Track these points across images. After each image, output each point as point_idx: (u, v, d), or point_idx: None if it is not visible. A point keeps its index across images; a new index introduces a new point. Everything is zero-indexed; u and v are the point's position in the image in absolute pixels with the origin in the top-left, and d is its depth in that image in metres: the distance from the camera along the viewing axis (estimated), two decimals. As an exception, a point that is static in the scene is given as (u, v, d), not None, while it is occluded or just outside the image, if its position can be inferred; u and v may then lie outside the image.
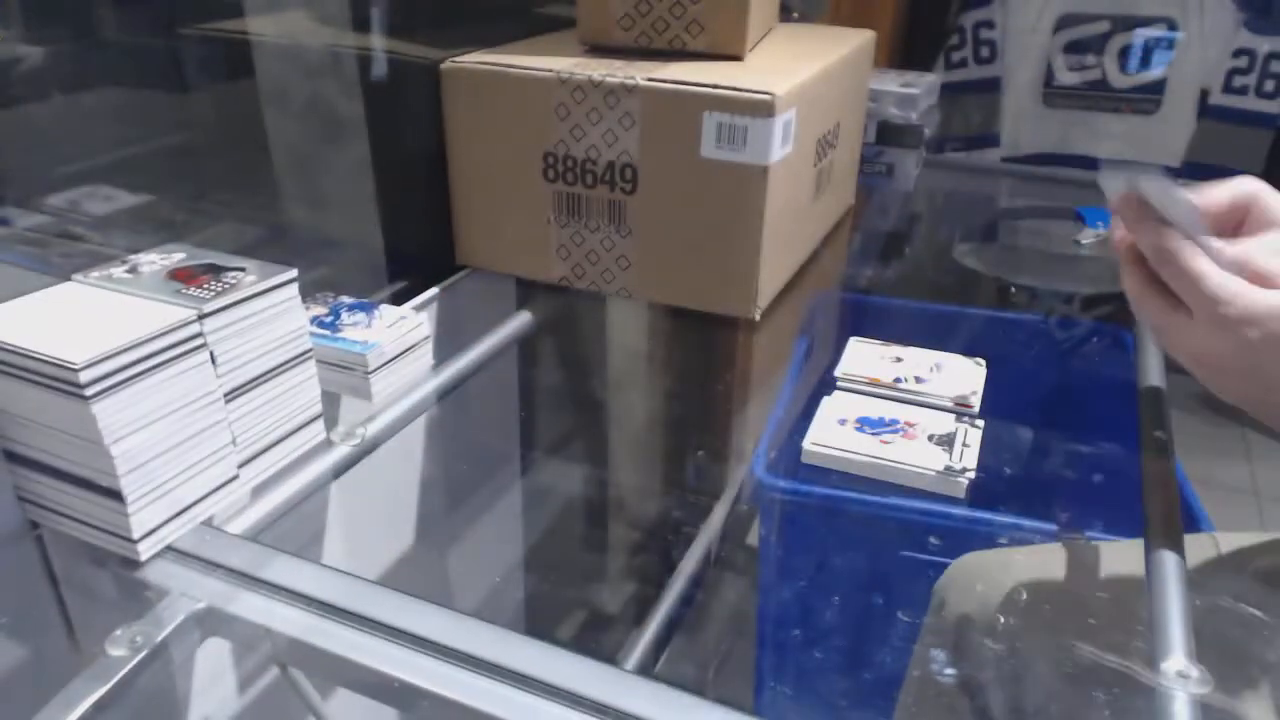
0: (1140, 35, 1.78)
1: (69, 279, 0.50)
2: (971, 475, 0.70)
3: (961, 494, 0.70)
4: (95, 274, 0.51)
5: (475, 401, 0.93)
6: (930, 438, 0.74)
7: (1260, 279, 0.44)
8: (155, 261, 0.52)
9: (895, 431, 0.75)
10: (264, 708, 0.68)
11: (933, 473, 0.70)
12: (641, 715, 0.39)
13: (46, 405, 0.44)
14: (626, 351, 1.14)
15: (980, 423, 0.76)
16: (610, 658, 0.42)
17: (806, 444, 0.74)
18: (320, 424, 0.58)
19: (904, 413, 0.77)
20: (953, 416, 0.77)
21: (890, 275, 1.22)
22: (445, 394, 0.70)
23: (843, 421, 0.76)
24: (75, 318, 0.46)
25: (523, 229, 0.82)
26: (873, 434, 0.75)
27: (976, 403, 0.78)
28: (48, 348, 0.43)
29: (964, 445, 0.73)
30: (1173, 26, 1.76)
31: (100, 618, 0.49)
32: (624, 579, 1.18)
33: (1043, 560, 0.64)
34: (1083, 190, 1.30)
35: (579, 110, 0.75)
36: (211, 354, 0.48)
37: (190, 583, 0.47)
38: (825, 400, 0.80)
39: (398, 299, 0.80)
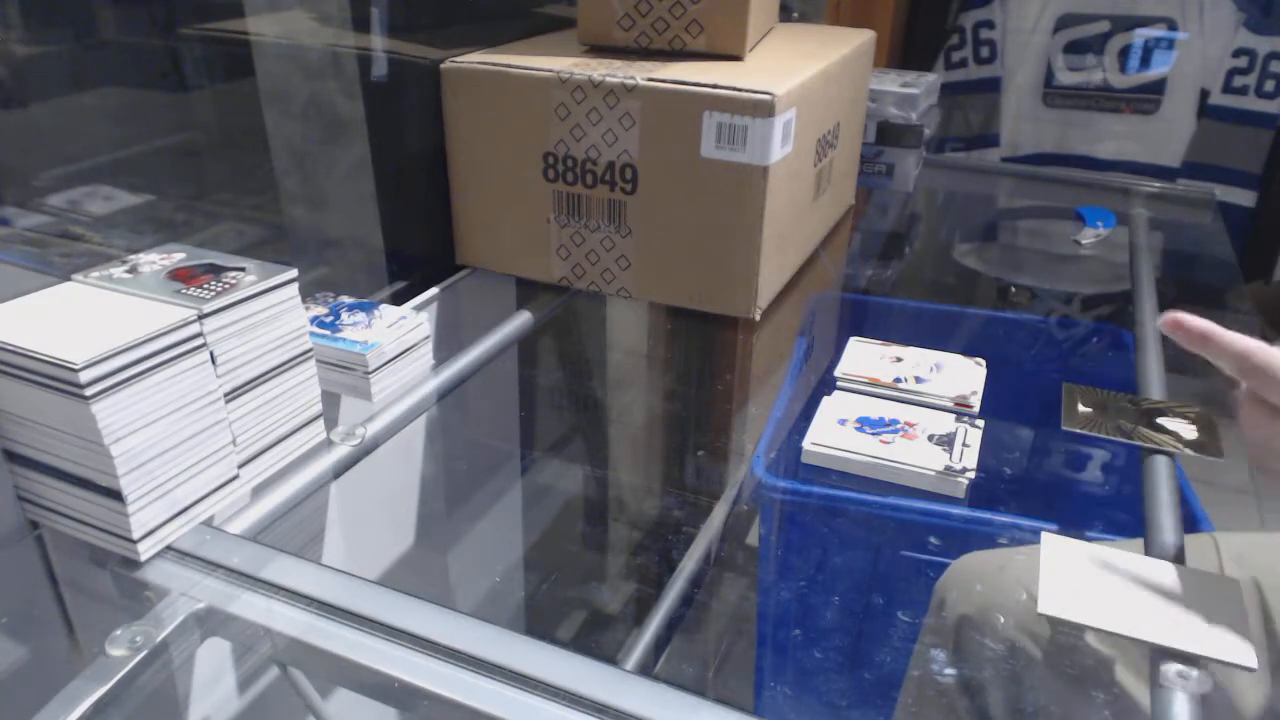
0: (1140, 35, 1.78)
1: (69, 279, 0.50)
2: (971, 475, 0.70)
3: (961, 494, 0.70)
4: (95, 274, 0.51)
5: (475, 401, 0.93)
6: (930, 438, 0.74)
7: None
8: (155, 261, 0.53)
9: (895, 431, 0.75)
10: (264, 708, 0.68)
11: (933, 473, 0.70)
12: (641, 715, 0.39)
13: (46, 405, 0.44)
14: (626, 351, 1.14)
15: (980, 423, 0.76)
16: (610, 658, 0.42)
17: (806, 444, 0.74)
18: (320, 424, 0.58)
19: (904, 413, 0.77)
20: (953, 416, 0.77)
21: (890, 275, 1.22)
22: (445, 394, 0.70)
23: (843, 421, 0.76)
24: (75, 318, 0.46)
25: (523, 229, 0.82)
26: (873, 434, 0.75)
27: (976, 403, 0.78)
28: (48, 348, 0.43)
29: (964, 445, 0.73)
30: (1173, 26, 1.76)
31: (100, 618, 0.49)
32: (624, 579, 1.18)
33: (1043, 560, 0.64)
34: (1083, 190, 1.30)
35: (579, 110, 0.75)
36: (211, 354, 0.48)
37: (190, 583, 0.47)
38: (825, 400, 0.80)
39: (398, 299, 0.80)
